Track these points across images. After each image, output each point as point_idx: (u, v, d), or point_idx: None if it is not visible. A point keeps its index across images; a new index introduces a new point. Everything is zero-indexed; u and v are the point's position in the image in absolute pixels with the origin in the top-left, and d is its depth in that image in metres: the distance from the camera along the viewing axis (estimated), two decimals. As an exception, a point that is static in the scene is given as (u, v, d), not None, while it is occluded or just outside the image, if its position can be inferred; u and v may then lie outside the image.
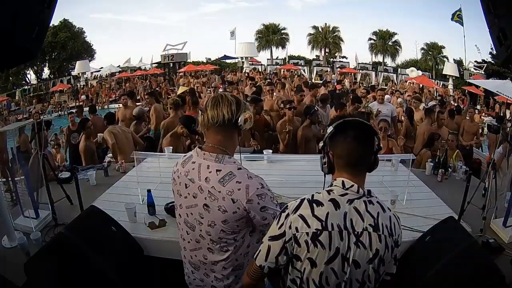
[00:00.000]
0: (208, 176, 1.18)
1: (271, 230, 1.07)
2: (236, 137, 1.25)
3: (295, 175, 2.77)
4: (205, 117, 1.19)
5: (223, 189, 1.14)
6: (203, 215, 1.20)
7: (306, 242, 0.99)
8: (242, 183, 1.14)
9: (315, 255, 0.99)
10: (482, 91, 13.34)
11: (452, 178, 2.98)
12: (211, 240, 1.22)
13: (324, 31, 25.82)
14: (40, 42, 1.52)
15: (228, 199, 1.14)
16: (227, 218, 1.16)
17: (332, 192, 1.04)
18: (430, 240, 1.80)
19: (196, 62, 23.05)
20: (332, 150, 1.08)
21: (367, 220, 1.00)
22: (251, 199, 1.13)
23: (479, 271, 1.54)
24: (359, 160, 1.04)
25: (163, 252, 1.93)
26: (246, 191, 1.13)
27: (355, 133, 1.03)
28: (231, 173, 1.16)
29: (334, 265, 1.00)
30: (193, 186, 1.21)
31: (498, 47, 1.50)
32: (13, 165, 2.18)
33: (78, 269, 1.62)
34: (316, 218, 0.99)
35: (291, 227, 1.01)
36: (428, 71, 21.20)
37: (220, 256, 1.24)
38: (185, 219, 1.28)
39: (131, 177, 2.75)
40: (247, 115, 1.20)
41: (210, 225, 1.19)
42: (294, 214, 1.02)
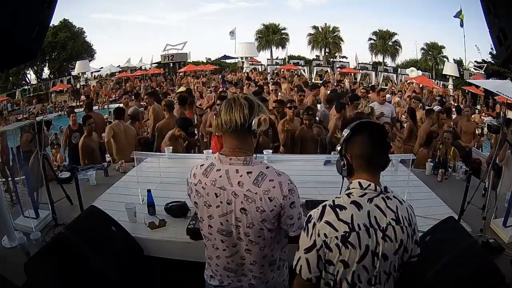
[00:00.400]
0: (240, 180, 1.18)
1: (302, 243, 1.09)
2: (252, 140, 1.24)
3: (295, 175, 2.74)
4: (219, 122, 1.19)
5: (259, 190, 1.16)
6: (240, 219, 1.20)
7: (337, 246, 1.03)
8: (274, 180, 1.17)
9: (347, 256, 1.03)
10: (482, 91, 13.34)
11: (452, 178, 2.98)
12: (249, 240, 1.22)
13: (324, 31, 25.79)
14: (40, 42, 1.52)
15: (265, 198, 1.15)
16: (265, 217, 1.17)
17: (351, 195, 1.07)
18: (430, 240, 1.80)
19: (196, 62, 23.04)
20: (350, 152, 1.11)
21: (389, 215, 1.06)
22: (286, 195, 1.16)
23: (479, 271, 1.54)
24: (378, 159, 1.09)
25: (163, 252, 1.93)
26: (281, 188, 1.16)
27: (371, 133, 1.08)
28: (262, 173, 1.18)
29: (366, 262, 1.04)
30: (225, 193, 1.20)
31: (498, 47, 1.50)
32: (13, 165, 2.18)
33: (78, 269, 1.62)
34: (342, 222, 1.03)
35: (320, 235, 1.04)
36: (428, 71, 21.17)
37: (259, 256, 1.25)
38: (218, 228, 1.25)
39: (131, 177, 2.75)
40: (262, 118, 1.19)
41: (249, 226, 1.19)
42: (320, 222, 1.05)
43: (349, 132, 1.11)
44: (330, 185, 1.82)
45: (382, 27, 24.97)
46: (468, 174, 2.29)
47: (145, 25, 37.25)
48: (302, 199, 2.10)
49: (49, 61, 23.32)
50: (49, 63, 23.45)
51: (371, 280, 1.07)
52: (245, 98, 1.21)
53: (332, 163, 3.02)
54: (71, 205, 2.36)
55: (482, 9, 1.56)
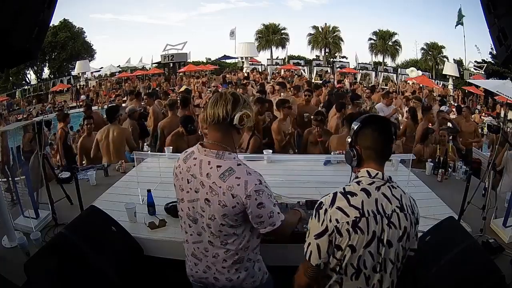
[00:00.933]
0: (209, 172, 1.21)
1: (313, 228, 1.12)
2: (235, 135, 1.26)
3: (295, 175, 2.77)
4: (204, 115, 1.25)
5: (223, 185, 1.18)
6: (204, 209, 1.24)
7: (347, 231, 1.07)
8: (241, 178, 1.17)
9: (355, 241, 1.08)
10: (482, 91, 13.34)
11: (452, 178, 2.98)
12: (211, 233, 1.26)
13: (324, 31, 25.79)
14: (40, 42, 1.52)
15: (228, 194, 1.17)
16: (226, 212, 1.19)
17: (361, 182, 1.13)
18: (430, 240, 1.80)
19: (196, 62, 23.03)
20: (360, 144, 1.17)
21: (394, 203, 1.12)
22: (250, 195, 1.16)
23: (479, 271, 1.54)
24: (385, 149, 1.16)
25: (163, 252, 1.93)
26: (245, 186, 1.16)
27: (379, 126, 1.16)
28: (231, 168, 1.20)
29: (371, 248, 1.09)
30: (195, 181, 1.25)
31: (498, 47, 1.51)
32: (13, 165, 2.18)
33: (78, 269, 1.62)
34: (354, 207, 1.08)
35: (332, 220, 1.09)
36: (428, 71, 21.18)
37: (220, 250, 1.28)
38: (187, 213, 1.32)
39: (131, 177, 2.75)
40: (244, 113, 1.20)
41: (210, 218, 1.23)
42: (331, 207, 1.10)
43: (359, 124, 1.17)
44: (330, 185, 1.82)
45: (382, 27, 25.03)
46: (468, 174, 2.29)
47: (145, 25, 37.24)
48: (302, 199, 2.12)
49: (49, 61, 23.33)
50: (49, 63, 23.46)
51: (376, 267, 1.12)
52: (232, 94, 1.24)
53: (332, 163, 3.03)
54: (71, 205, 2.36)
55: (482, 9, 1.56)
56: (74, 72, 20.55)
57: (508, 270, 1.60)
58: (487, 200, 2.08)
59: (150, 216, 2.13)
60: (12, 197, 2.28)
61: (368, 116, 1.20)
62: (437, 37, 27.07)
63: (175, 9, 39.55)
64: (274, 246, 1.66)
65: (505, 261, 1.73)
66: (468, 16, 17.82)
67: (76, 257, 1.65)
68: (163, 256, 1.93)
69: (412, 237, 1.18)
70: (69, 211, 2.24)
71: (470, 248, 1.62)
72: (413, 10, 33.88)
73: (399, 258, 1.15)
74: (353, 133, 1.19)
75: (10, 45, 1.35)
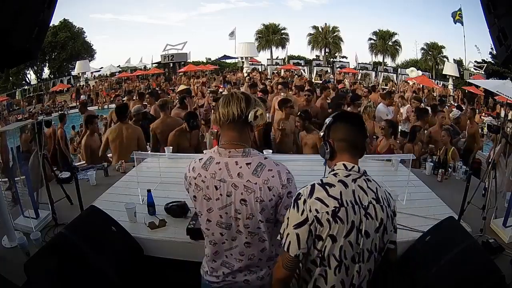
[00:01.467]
0: (240, 171, 1.20)
1: (292, 219, 1.13)
2: (249, 133, 1.26)
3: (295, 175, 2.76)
4: (217, 115, 1.23)
5: (259, 180, 1.18)
6: (240, 210, 1.22)
7: (328, 221, 1.10)
8: (273, 170, 1.20)
9: (336, 231, 1.10)
10: (482, 91, 13.33)
11: (452, 178, 2.98)
12: (249, 232, 1.24)
13: (324, 31, 25.79)
14: (40, 42, 1.52)
15: (264, 188, 1.18)
16: (264, 207, 1.19)
17: (337, 175, 1.17)
18: (430, 240, 1.80)
19: (196, 62, 23.03)
20: (333, 137, 1.23)
21: (370, 195, 1.16)
22: (285, 184, 1.20)
23: (479, 271, 1.54)
24: (357, 141, 1.21)
25: (163, 252, 1.93)
26: (280, 177, 1.19)
27: (350, 119, 1.25)
28: (261, 163, 1.21)
29: (351, 237, 1.12)
30: (225, 185, 1.22)
31: (498, 47, 1.51)
32: (13, 165, 2.18)
33: (78, 269, 1.62)
34: (332, 198, 1.11)
35: (311, 210, 1.10)
36: (428, 71, 21.18)
37: (257, 248, 1.27)
38: (218, 221, 1.26)
39: (131, 177, 2.75)
40: (258, 111, 1.22)
41: (248, 217, 1.22)
42: (310, 198, 1.12)
43: (331, 119, 1.25)
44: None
45: (382, 27, 25.03)
46: (468, 174, 2.30)
47: (145, 25, 37.28)
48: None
49: (49, 61, 23.34)
50: (49, 63, 23.47)
51: (354, 258, 1.15)
52: (242, 93, 1.25)
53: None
54: (71, 205, 2.36)
55: (482, 9, 1.57)
56: (74, 72, 20.57)
57: (508, 270, 1.60)
58: (487, 200, 2.08)
59: (150, 216, 2.13)
60: (13, 197, 2.28)
61: (339, 112, 1.31)
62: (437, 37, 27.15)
63: (175, 9, 39.61)
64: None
65: (505, 261, 1.73)
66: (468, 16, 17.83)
67: (76, 257, 1.65)
68: (163, 256, 1.93)
69: (390, 230, 1.21)
70: (69, 211, 2.24)
71: (470, 248, 1.62)
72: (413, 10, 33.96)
73: (377, 249, 1.19)
74: (326, 127, 1.26)
75: (10, 45, 1.35)
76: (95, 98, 16.57)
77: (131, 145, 3.62)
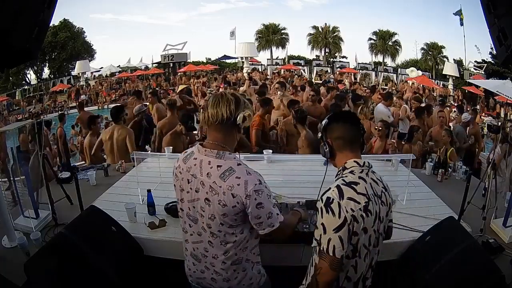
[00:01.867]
0: (210, 171, 1.22)
1: (330, 224, 1.15)
2: (235, 135, 1.29)
3: (295, 175, 2.77)
4: (206, 115, 1.24)
5: (224, 184, 1.18)
6: (204, 208, 1.25)
7: (361, 216, 1.17)
8: (241, 178, 1.18)
9: (368, 223, 1.19)
10: (482, 91, 13.33)
11: (452, 178, 2.98)
12: (211, 233, 1.26)
13: (324, 31, 25.78)
14: (40, 42, 1.52)
15: (228, 193, 1.18)
16: (226, 212, 1.20)
17: (354, 172, 1.24)
18: (430, 240, 1.80)
19: (196, 62, 23.02)
20: (330, 136, 1.31)
21: (380, 184, 1.28)
22: (249, 194, 1.17)
23: (479, 271, 1.54)
24: (353, 137, 1.29)
25: (163, 252, 1.93)
26: (245, 186, 1.17)
27: (346, 117, 1.33)
28: (231, 168, 1.20)
29: (375, 226, 1.23)
30: (195, 181, 1.26)
31: (498, 47, 1.51)
32: (13, 165, 2.18)
33: (78, 269, 1.62)
34: (362, 194, 1.19)
35: (347, 210, 1.15)
36: (428, 71, 21.17)
37: (219, 250, 1.28)
38: (187, 213, 1.32)
39: (131, 177, 2.75)
40: (246, 113, 1.24)
41: (210, 218, 1.24)
42: (342, 199, 1.16)
43: (326, 121, 1.34)
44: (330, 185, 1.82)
45: (382, 27, 25.00)
46: (468, 174, 2.30)
47: (145, 25, 37.21)
48: (302, 199, 2.12)
49: (49, 61, 23.32)
50: (49, 63, 23.45)
51: (374, 243, 1.25)
52: (232, 94, 1.26)
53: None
54: (71, 205, 2.35)
55: (482, 9, 1.57)
56: (74, 72, 20.54)
57: (508, 270, 1.60)
58: (487, 200, 2.08)
59: (150, 216, 2.13)
60: (14, 197, 2.28)
61: (334, 113, 1.40)
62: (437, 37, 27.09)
63: (175, 9, 39.56)
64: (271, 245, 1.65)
65: (505, 261, 1.73)
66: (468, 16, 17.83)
67: (76, 257, 1.65)
68: (163, 256, 1.93)
69: (391, 211, 1.36)
70: (69, 211, 2.24)
71: (470, 248, 1.62)
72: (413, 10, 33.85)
73: (385, 230, 1.32)
74: (322, 129, 1.35)
75: (10, 45, 1.35)
76: (95, 98, 16.56)
77: (120, 146, 3.65)
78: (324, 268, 1.17)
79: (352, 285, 1.26)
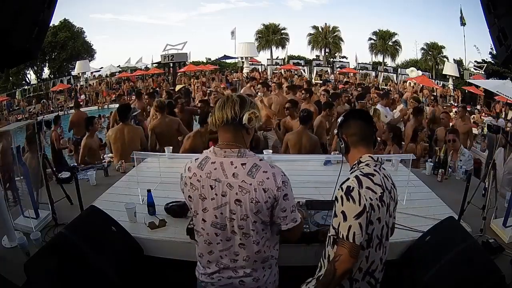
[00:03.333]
0: (235, 171, 1.21)
1: (350, 211, 1.21)
2: (245, 136, 1.27)
3: (295, 175, 2.76)
4: (213, 119, 1.25)
5: (254, 181, 1.18)
6: (234, 210, 1.22)
7: (378, 206, 1.24)
8: (268, 172, 1.20)
9: (382, 213, 1.26)
10: (482, 91, 13.33)
11: (452, 178, 2.98)
12: (243, 233, 1.24)
13: (324, 31, 25.77)
14: (40, 42, 1.52)
15: (259, 189, 1.18)
16: (259, 208, 1.19)
17: (369, 165, 1.31)
18: (430, 240, 1.80)
19: (196, 62, 23.02)
20: (345, 133, 1.38)
21: (389, 180, 1.35)
22: (280, 186, 1.19)
23: (479, 271, 1.54)
24: (368, 134, 1.38)
25: (163, 252, 1.93)
26: (274, 178, 1.19)
27: (360, 115, 1.41)
28: (256, 164, 1.21)
29: (386, 217, 1.29)
30: (220, 185, 1.22)
31: (498, 47, 1.51)
32: (13, 165, 2.18)
33: (78, 269, 1.62)
34: (378, 185, 1.26)
35: (366, 199, 1.21)
36: (428, 71, 21.16)
37: (251, 250, 1.26)
38: (213, 221, 1.26)
39: (131, 177, 2.75)
40: (252, 113, 1.22)
41: (243, 218, 1.22)
42: (362, 188, 1.23)
43: (342, 118, 1.42)
44: (330, 185, 1.82)
45: (382, 27, 25.00)
46: (468, 174, 2.30)
47: (145, 25, 37.22)
48: (302, 199, 2.12)
49: (49, 61, 23.31)
50: (49, 63, 23.44)
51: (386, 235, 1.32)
52: (238, 96, 1.27)
53: (333, 163, 3.03)
54: (71, 205, 2.35)
55: (482, 9, 1.57)
56: (74, 72, 20.53)
57: (508, 270, 1.60)
58: (487, 200, 2.08)
59: (150, 216, 2.13)
60: (14, 197, 2.28)
61: (350, 110, 1.51)
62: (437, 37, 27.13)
63: (175, 9, 39.58)
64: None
65: (505, 261, 1.73)
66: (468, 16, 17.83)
67: (76, 257, 1.64)
68: (163, 256, 1.93)
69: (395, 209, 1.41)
70: (69, 211, 2.24)
71: (470, 248, 1.62)
72: (413, 10, 33.87)
73: (393, 227, 1.40)
74: (338, 126, 1.42)
75: (10, 45, 1.35)
76: (95, 98, 16.56)
77: (132, 147, 3.55)
78: (344, 255, 1.20)
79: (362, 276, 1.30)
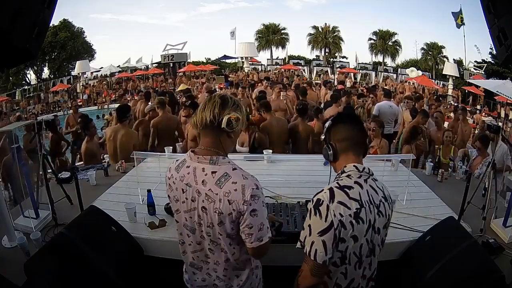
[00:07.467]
0: (205, 178, 1.16)
1: (316, 226, 1.10)
2: (225, 140, 1.20)
3: (295, 175, 2.77)
4: (194, 120, 1.20)
5: (220, 191, 1.12)
6: (202, 217, 1.19)
7: (351, 223, 1.10)
8: (237, 183, 1.12)
9: (358, 231, 1.12)
10: (482, 91, 13.33)
11: (452, 178, 2.98)
12: (211, 240, 1.22)
13: (324, 31, 25.77)
14: (40, 42, 1.51)
15: (224, 200, 1.12)
16: (222, 219, 1.14)
17: (351, 176, 1.18)
18: (430, 240, 1.80)
19: (196, 62, 23.01)
20: (334, 139, 1.24)
21: (379, 194, 1.20)
22: (247, 200, 1.10)
23: (479, 271, 1.54)
24: (358, 139, 1.23)
25: (163, 252, 1.93)
26: (243, 191, 1.11)
27: (349, 119, 1.27)
28: (226, 174, 1.14)
29: (368, 235, 1.15)
30: (190, 190, 1.19)
31: (498, 47, 1.51)
32: (13, 165, 2.18)
33: (78, 269, 1.62)
34: (353, 200, 1.12)
35: (335, 215, 1.09)
36: (428, 71, 21.17)
37: (221, 257, 1.24)
38: (184, 223, 1.26)
39: (131, 177, 2.75)
40: (232, 116, 1.14)
41: (208, 226, 1.19)
42: (332, 203, 1.10)
43: (330, 122, 1.28)
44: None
45: (382, 27, 25.02)
46: (468, 174, 2.30)
47: (145, 25, 37.20)
48: (302, 199, 2.12)
49: (49, 61, 23.30)
50: (49, 63, 23.43)
51: (368, 253, 1.18)
52: (220, 96, 1.19)
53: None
54: (71, 205, 2.36)
55: (482, 9, 1.57)
56: (74, 72, 20.53)
57: (508, 270, 1.60)
58: (487, 200, 2.08)
59: (150, 216, 2.13)
60: (13, 197, 2.28)
61: (338, 114, 1.34)
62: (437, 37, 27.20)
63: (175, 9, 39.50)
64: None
65: (505, 261, 1.73)
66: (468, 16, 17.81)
67: (76, 257, 1.65)
68: (163, 256, 1.93)
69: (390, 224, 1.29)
70: (69, 211, 2.24)
71: (470, 248, 1.62)
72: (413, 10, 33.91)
73: (382, 243, 1.25)
74: (326, 130, 1.28)
75: (10, 45, 1.35)
76: (96, 97, 16.55)
77: (124, 150, 3.56)
78: (305, 271, 1.13)
79: None
